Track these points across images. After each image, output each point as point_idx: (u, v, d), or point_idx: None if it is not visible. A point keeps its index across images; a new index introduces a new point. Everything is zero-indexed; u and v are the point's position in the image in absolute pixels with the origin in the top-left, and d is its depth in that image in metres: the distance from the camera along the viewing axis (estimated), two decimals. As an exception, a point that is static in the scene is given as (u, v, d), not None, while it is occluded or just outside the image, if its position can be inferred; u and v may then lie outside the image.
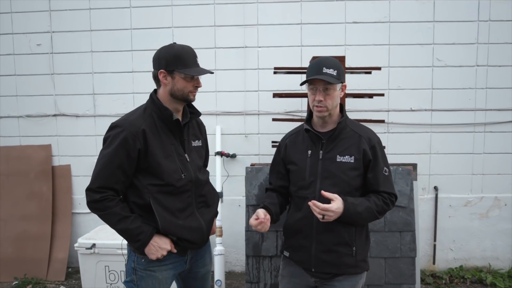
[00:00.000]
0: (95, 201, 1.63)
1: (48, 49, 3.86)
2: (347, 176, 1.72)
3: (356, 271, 1.77)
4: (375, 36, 3.66)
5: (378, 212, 1.71)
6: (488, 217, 3.77)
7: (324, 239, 1.73)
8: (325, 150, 1.76)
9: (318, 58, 1.78)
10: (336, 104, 1.75)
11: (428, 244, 3.81)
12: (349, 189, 1.72)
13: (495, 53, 3.62)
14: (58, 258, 3.82)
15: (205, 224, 1.81)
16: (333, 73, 1.68)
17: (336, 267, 1.74)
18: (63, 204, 3.93)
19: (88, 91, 3.88)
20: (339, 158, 1.73)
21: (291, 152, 1.88)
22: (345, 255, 1.73)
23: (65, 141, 3.96)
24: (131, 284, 1.74)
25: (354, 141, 1.75)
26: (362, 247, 1.79)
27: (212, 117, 3.81)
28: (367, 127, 1.85)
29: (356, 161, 1.72)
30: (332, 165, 1.73)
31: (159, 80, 1.73)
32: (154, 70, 1.75)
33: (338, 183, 1.72)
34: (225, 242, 3.53)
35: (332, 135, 1.77)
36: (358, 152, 1.73)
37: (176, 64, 1.70)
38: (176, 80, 1.71)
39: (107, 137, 1.68)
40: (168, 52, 1.73)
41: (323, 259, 1.74)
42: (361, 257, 1.77)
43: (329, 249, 1.73)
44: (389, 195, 1.75)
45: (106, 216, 1.65)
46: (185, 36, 3.73)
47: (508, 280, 3.61)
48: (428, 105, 3.71)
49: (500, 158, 3.71)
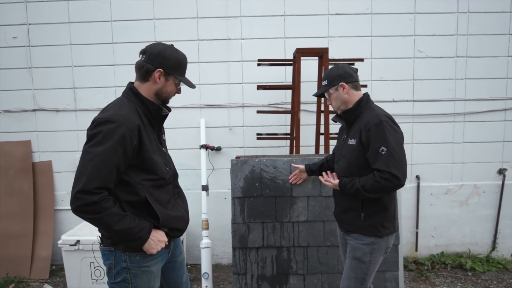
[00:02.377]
0: (92, 203, 1.50)
1: (25, 42, 3.74)
2: (351, 157, 2.06)
3: (365, 232, 2.06)
4: (357, 28, 3.69)
5: (368, 191, 1.95)
6: (468, 204, 3.89)
7: (341, 203, 2.18)
8: (347, 135, 2.15)
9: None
10: (341, 101, 2.09)
11: (411, 232, 3.91)
12: (354, 168, 2.05)
13: (474, 44, 3.70)
14: (41, 256, 3.75)
15: (186, 212, 1.89)
16: (324, 83, 2.13)
17: (349, 226, 2.13)
18: (45, 201, 3.85)
19: (68, 85, 3.79)
20: (349, 141, 2.08)
21: (338, 137, 2.35)
22: (355, 218, 2.08)
23: (45, 136, 3.87)
24: (124, 284, 1.69)
25: (359, 125, 2.03)
26: (373, 215, 2.05)
27: (196, 110, 3.78)
28: (375, 111, 2.04)
29: (357, 143, 2.02)
30: (345, 147, 2.12)
31: (150, 75, 1.69)
32: (149, 65, 1.68)
33: (347, 162, 2.09)
34: (212, 235, 3.54)
35: (347, 123, 2.15)
36: (358, 135, 2.02)
37: (176, 69, 1.72)
38: (169, 84, 1.73)
39: (97, 133, 1.54)
40: (173, 55, 1.72)
41: (341, 218, 2.20)
42: (370, 223, 2.05)
43: (344, 211, 2.16)
44: (380, 172, 1.90)
45: (103, 219, 1.53)
46: (167, 29, 3.68)
47: (487, 264, 3.74)
48: (409, 96, 3.78)
49: (479, 147, 3.82)
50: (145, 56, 1.69)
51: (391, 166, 1.88)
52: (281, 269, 2.82)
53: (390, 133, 1.93)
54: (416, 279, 3.54)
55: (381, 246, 2.07)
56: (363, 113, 2.06)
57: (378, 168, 1.91)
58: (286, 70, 3.72)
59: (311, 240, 2.82)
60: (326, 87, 2.12)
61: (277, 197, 2.84)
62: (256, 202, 2.83)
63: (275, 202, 2.85)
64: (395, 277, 2.79)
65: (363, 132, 1.97)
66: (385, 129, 1.93)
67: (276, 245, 2.82)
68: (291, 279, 2.82)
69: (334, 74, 2.09)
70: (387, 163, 1.89)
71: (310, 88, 3.56)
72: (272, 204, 2.84)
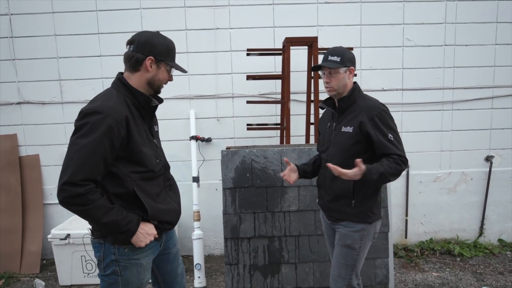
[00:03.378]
0: (78, 195, 1.48)
1: (7, 33, 3.64)
2: (346, 143, 2.04)
3: (355, 219, 2.08)
4: (347, 17, 3.67)
5: (391, 175, 1.92)
6: (456, 191, 3.95)
7: (331, 191, 2.14)
8: (336, 122, 2.13)
9: (329, 48, 2.13)
10: (343, 84, 2.06)
11: (400, 220, 3.96)
12: (348, 155, 2.02)
13: (462, 32, 3.72)
14: (31, 250, 3.71)
15: (177, 205, 1.87)
16: (336, 59, 2.03)
17: (339, 214, 2.12)
18: (33, 195, 3.80)
19: (53, 77, 3.71)
20: (343, 128, 2.06)
21: (321, 124, 2.32)
22: (345, 205, 2.09)
23: (31, 130, 3.79)
24: (113, 276, 1.68)
25: (356, 113, 2.04)
26: (363, 201, 2.07)
27: (186, 101, 3.74)
28: (373, 100, 2.09)
29: (354, 130, 2.01)
30: (338, 135, 2.09)
31: (141, 65, 1.65)
32: (139, 54, 1.64)
33: (341, 149, 2.07)
34: (203, 226, 3.54)
35: (339, 110, 2.12)
36: (357, 123, 2.01)
37: (166, 56, 1.70)
38: (161, 71, 1.70)
39: (83, 124, 1.52)
40: (162, 42, 1.69)
41: (330, 207, 2.16)
42: (361, 209, 2.07)
43: (334, 198, 2.13)
44: (399, 156, 1.95)
45: (89, 211, 1.52)
46: (155, 18, 3.61)
47: (474, 249, 3.82)
48: (399, 85, 3.79)
49: (466, 134, 3.87)
50: (133, 46, 1.65)
51: (403, 151, 1.99)
52: (273, 259, 2.84)
53: (392, 120, 2.04)
54: (406, 266, 3.60)
55: (370, 231, 2.11)
56: (358, 101, 2.07)
57: (395, 153, 1.94)
58: (276, 60, 3.69)
59: (302, 229, 2.84)
60: (338, 64, 2.03)
61: (268, 187, 2.85)
62: (247, 192, 2.83)
63: (266, 192, 2.85)
64: (385, 263, 2.83)
65: (366, 121, 1.98)
66: (387, 117, 2.02)
67: (268, 235, 2.84)
68: (283, 268, 2.85)
69: (348, 56, 2.06)
70: (400, 148, 1.98)
71: (299, 77, 3.54)
72: (263, 194, 2.85)
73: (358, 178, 1.92)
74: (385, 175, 1.90)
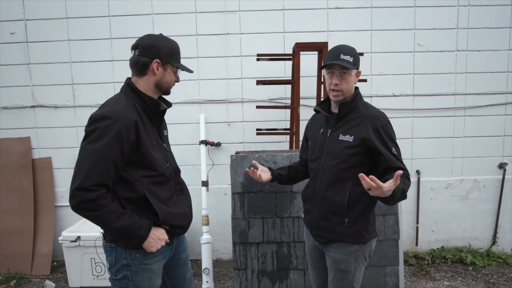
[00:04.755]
0: (89, 200, 1.49)
1: (23, 38, 3.72)
2: (343, 153, 1.85)
3: (348, 240, 1.89)
4: (357, 22, 3.66)
5: (405, 191, 1.71)
6: (468, 198, 3.88)
7: (322, 207, 1.92)
8: (333, 129, 1.92)
9: (336, 46, 1.89)
10: (351, 88, 1.88)
11: (411, 227, 3.91)
12: (345, 166, 1.85)
13: (474, 37, 3.68)
14: (42, 252, 3.76)
15: (189, 209, 1.87)
16: (349, 59, 1.81)
17: (330, 234, 1.92)
18: (45, 197, 3.85)
19: (66, 81, 3.78)
20: (341, 137, 1.87)
21: (310, 129, 2.11)
22: (337, 224, 1.88)
23: (44, 133, 3.86)
24: (125, 281, 1.68)
25: (358, 122, 1.86)
26: (358, 219, 1.87)
27: (196, 105, 3.77)
28: (376, 110, 1.92)
29: (355, 140, 1.82)
30: (335, 143, 1.89)
31: (148, 68, 1.67)
32: (144, 58, 1.66)
33: (336, 159, 1.87)
34: (212, 230, 3.54)
35: (338, 116, 1.91)
36: (359, 132, 1.83)
37: (172, 57, 1.71)
38: (167, 73, 1.72)
39: (93, 130, 1.53)
40: (166, 44, 1.70)
41: (320, 225, 1.94)
42: (356, 229, 1.87)
43: (325, 216, 1.92)
44: (405, 171, 1.79)
45: (101, 216, 1.53)
46: (166, 23, 3.65)
47: (487, 258, 3.75)
48: (409, 90, 3.76)
49: (479, 141, 3.81)
50: (138, 50, 1.67)
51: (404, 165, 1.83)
52: (281, 264, 2.82)
53: (394, 133, 1.89)
54: (417, 274, 3.55)
55: (365, 251, 1.95)
56: (359, 108, 1.89)
57: (401, 167, 1.77)
58: (286, 65, 3.70)
59: (311, 235, 2.82)
60: (351, 65, 1.80)
61: (277, 192, 2.84)
62: (256, 197, 2.83)
63: (275, 198, 2.85)
64: (395, 271, 2.79)
65: (370, 131, 1.80)
66: (391, 129, 1.88)
67: (276, 241, 2.82)
68: (291, 274, 2.83)
69: (358, 56, 1.85)
70: (402, 163, 1.83)
71: (309, 83, 3.54)
72: (272, 199, 2.84)
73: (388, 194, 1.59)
74: (404, 193, 1.69)
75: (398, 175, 1.53)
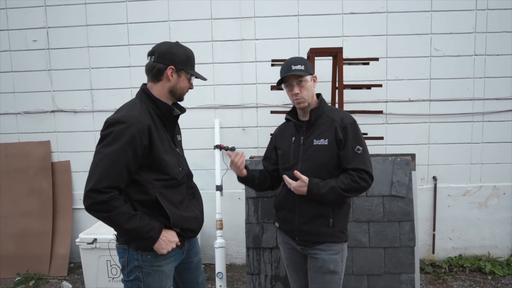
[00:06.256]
0: (102, 202, 1.54)
1: (45, 45, 3.84)
2: (322, 157, 1.92)
3: (333, 240, 1.95)
4: (372, 27, 3.65)
5: (345, 191, 1.84)
6: (487, 206, 3.79)
7: (304, 212, 1.96)
8: (305, 136, 1.98)
9: (286, 60, 2.00)
10: (311, 94, 1.98)
11: (428, 234, 3.84)
12: (326, 169, 1.92)
13: (493, 42, 3.61)
14: (59, 253, 3.84)
15: (200, 213, 1.89)
16: (301, 68, 1.91)
17: (316, 236, 1.96)
18: (63, 200, 3.94)
19: (85, 87, 3.87)
20: (316, 141, 1.94)
21: (279, 139, 2.14)
22: (322, 226, 1.94)
23: (63, 137, 3.96)
24: (136, 282, 1.71)
25: (328, 125, 1.94)
26: (340, 219, 1.97)
27: (211, 110, 3.80)
28: (342, 111, 2.04)
29: (330, 143, 1.91)
30: (310, 149, 1.95)
31: (162, 74, 1.71)
32: (160, 65, 1.70)
33: (316, 164, 1.93)
34: (226, 235, 3.55)
35: (309, 122, 1.98)
36: (331, 134, 1.92)
37: (186, 64, 1.75)
38: (182, 79, 1.75)
39: (108, 133, 1.57)
40: (181, 51, 1.74)
41: (304, 230, 1.97)
42: (338, 228, 1.95)
43: (309, 220, 1.95)
44: (358, 171, 1.86)
45: (113, 217, 1.57)
46: (182, 30, 3.72)
47: (507, 268, 3.64)
48: (426, 95, 3.71)
49: (498, 147, 3.72)
50: (153, 56, 1.72)
51: (368, 165, 1.90)
52: (294, 270, 2.81)
53: (361, 133, 1.96)
54: (433, 282, 3.48)
55: (346, 250, 2.01)
56: (326, 113, 1.98)
57: (356, 167, 1.86)
58: (300, 70, 3.70)
59: (325, 241, 2.80)
60: (304, 71, 1.91)
61: (290, 197, 2.83)
62: (269, 202, 2.83)
63: (288, 203, 2.83)
64: (411, 279, 2.74)
65: (339, 130, 1.90)
66: (358, 128, 1.96)
67: (290, 246, 2.81)
68: (305, 279, 2.81)
69: (309, 63, 1.96)
70: (365, 163, 1.89)
71: (324, 88, 3.52)
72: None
73: (303, 191, 1.85)
74: (337, 190, 1.82)
75: (297, 174, 1.84)
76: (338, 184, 1.83)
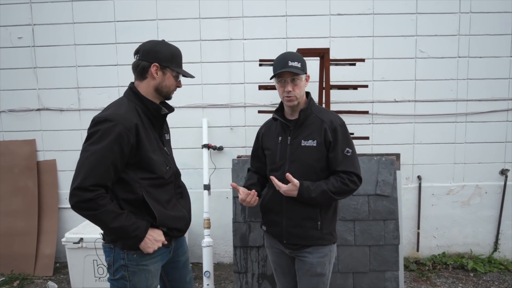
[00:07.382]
0: (88, 200, 1.53)
1: (30, 42, 3.79)
2: (310, 159, 1.88)
3: (322, 242, 1.94)
4: (359, 28, 3.69)
5: (336, 193, 1.83)
6: (470, 204, 3.88)
7: (292, 215, 1.93)
8: (292, 136, 1.93)
9: (282, 54, 1.92)
10: (303, 93, 1.94)
11: (412, 232, 3.91)
12: (314, 170, 1.89)
13: (476, 44, 3.70)
14: (45, 253, 3.80)
15: (187, 213, 1.89)
16: (298, 65, 1.86)
17: (304, 239, 1.93)
18: (49, 199, 3.90)
19: (72, 85, 3.83)
20: (304, 142, 1.89)
21: (266, 139, 2.08)
22: (311, 229, 1.91)
23: (49, 135, 3.91)
24: (122, 281, 1.71)
25: (317, 126, 1.90)
26: (328, 221, 1.95)
27: (199, 109, 3.81)
28: (331, 112, 1.99)
29: (319, 144, 1.87)
30: (298, 150, 1.90)
31: (147, 72, 1.71)
32: (144, 62, 1.71)
33: (303, 166, 1.89)
34: (213, 234, 3.56)
35: (297, 122, 1.93)
36: (320, 136, 1.88)
37: (171, 62, 1.74)
38: (167, 77, 1.75)
39: (95, 132, 1.57)
40: (165, 48, 1.74)
41: (292, 233, 1.94)
42: (327, 231, 1.94)
43: (297, 223, 1.92)
44: (348, 174, 1.85)
45: (98, 216, 1.56)
46: (170, 29, 3.71)
47: (488, 265, 3.74)
48: (411, 96, 3.78)
49: (480, 147, 3.81)
50: (138, 55, 1.73)
51: (358, 168, 1.89)
52: (281, 268, 2.83)
53: (349, 135, 1.95)
54: (417, 279, 3.54)
55: (334, 252, 2.01)
56: (315, 113, 1.93)
57: (345, 170, 1.85)
58: (288, 70, 3.73)
59: (311, 239, 2.83)
60: (300, 70, 1.86)
61: (277, 196, 2.85)
62: (257, 201, 2.84)
63: (275, 202, 2.86)
64: (395, 276, 2.80)
65: (329, 132, 1.86)
66: (347, 130, 1.94)
67: (277, 244, 2.84)
68: (291, 278, 2.84)
69: (304, 61, 1.90)
70: (355, 165, 1.88)
71: (311, 88, 3.55)
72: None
73: (293, 194, 1.81)
74: (327, 194, 1.80)
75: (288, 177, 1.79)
76: (329, 187, 1.81)
